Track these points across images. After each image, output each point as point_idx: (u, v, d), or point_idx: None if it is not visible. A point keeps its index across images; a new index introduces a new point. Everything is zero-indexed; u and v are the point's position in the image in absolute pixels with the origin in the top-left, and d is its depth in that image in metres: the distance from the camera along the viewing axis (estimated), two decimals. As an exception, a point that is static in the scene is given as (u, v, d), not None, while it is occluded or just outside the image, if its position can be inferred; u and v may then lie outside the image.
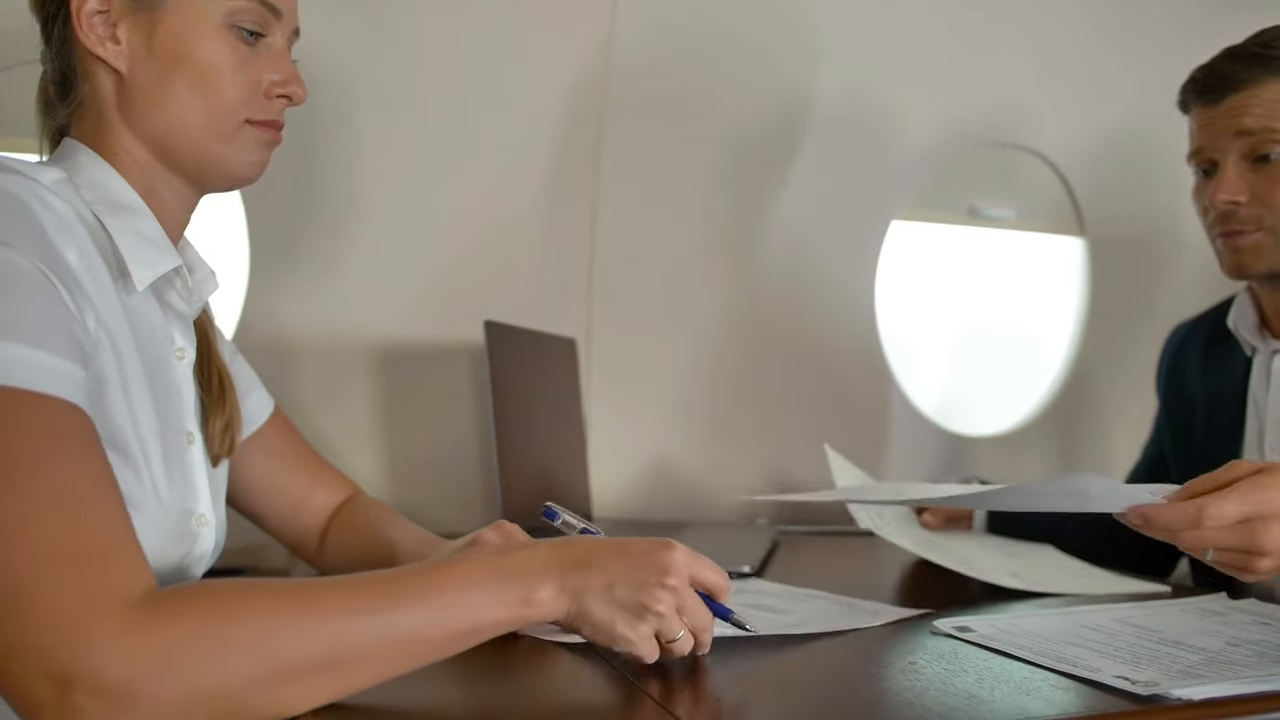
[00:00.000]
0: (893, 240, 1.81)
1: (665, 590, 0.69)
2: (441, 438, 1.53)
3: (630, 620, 0.69)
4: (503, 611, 0.66)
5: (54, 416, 0.63)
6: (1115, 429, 1.97)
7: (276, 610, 0.60)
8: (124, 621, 0.57)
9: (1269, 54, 1.12)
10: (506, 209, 1.57)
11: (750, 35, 1.64)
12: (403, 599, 0.63)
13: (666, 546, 0.71)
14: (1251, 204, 1.14)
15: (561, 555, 0.69)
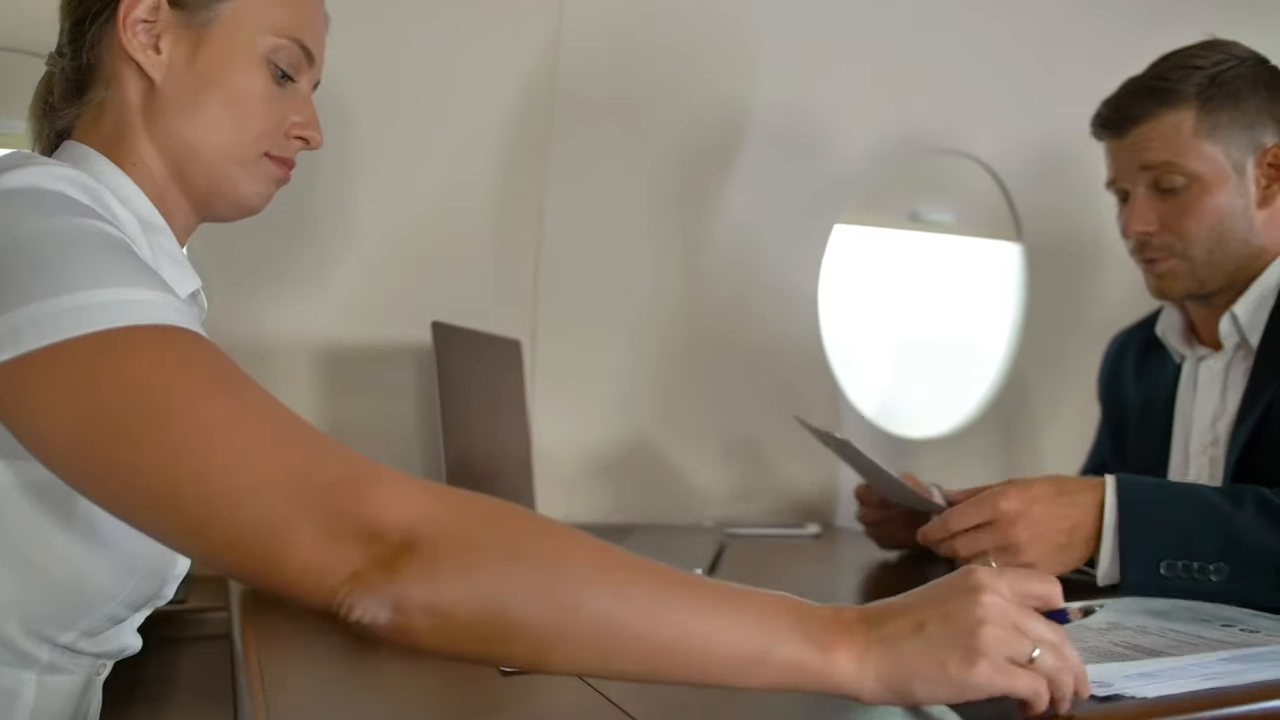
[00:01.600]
0: (837, 244, 1.82)
1: (982, 608, 0.58)
2: (384, 440, 1.51)
3: (963, 657, 0.57)
4: (798, 652, 0.57)
5: (214, 348, 0.62)
6: (1049, 432, 2.01)
7: (573, 542, 0.58)
8: (428, 487, 0.58)
9: (1163, 86, 1.17)
10: (452, 211, 1.55)
11: (695, 42, 1.64)
12: (698, 593, 0.58)
13: (967, 571, 0.62)
14: (1162, 232, 1.19)
15: (868, 611, 0.60)
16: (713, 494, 1.75)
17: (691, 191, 1.69)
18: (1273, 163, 1.17)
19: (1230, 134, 1.16)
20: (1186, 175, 1.16)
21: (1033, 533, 0.95)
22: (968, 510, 0.99)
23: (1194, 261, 1.18)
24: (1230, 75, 1.16)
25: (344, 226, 1.47)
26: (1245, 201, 1.17)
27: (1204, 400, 1.23)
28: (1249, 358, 1.18)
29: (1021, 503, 0.96)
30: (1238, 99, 1.16)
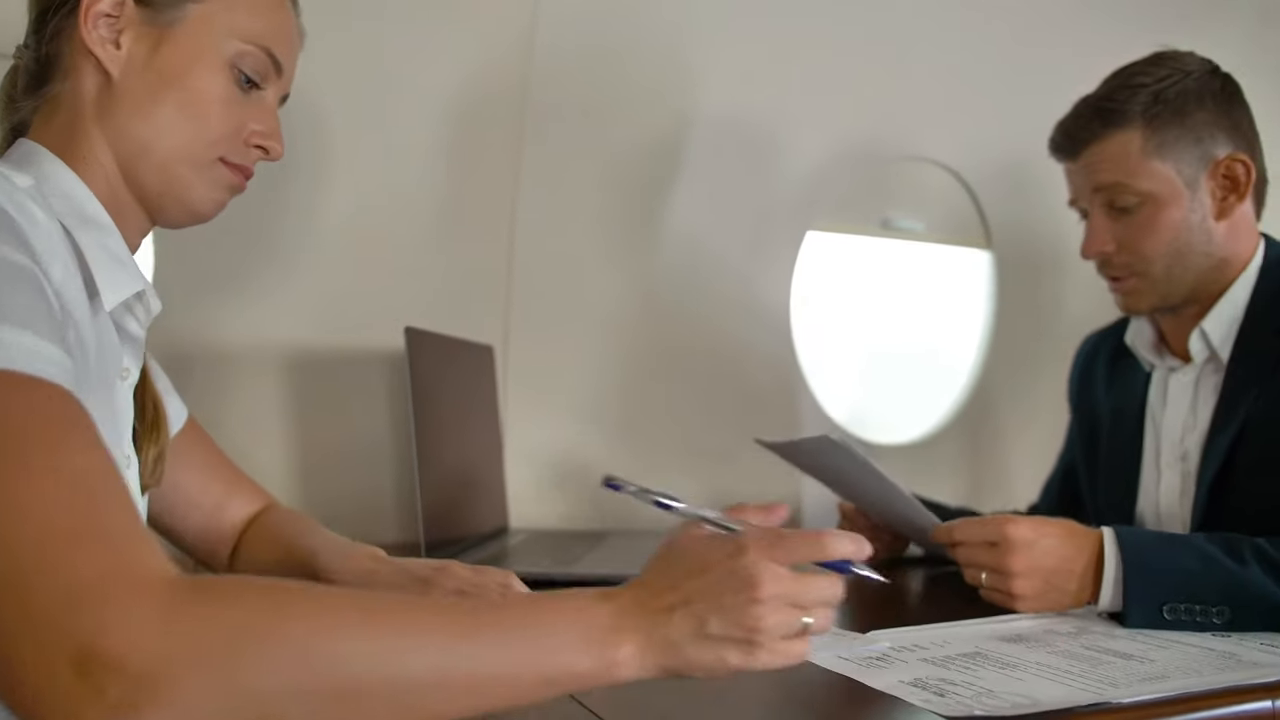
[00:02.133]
0: (808, 251, 1.83)
1: (761, 604, 0.61)
2: (355, 446, 1.49)
3: (741, 650, 0.61)
4: (585, 665, 0.58)
5: (60, 403, 0.57)
6: (1017, 438, 2.02)
7: (337, 613, 0.53)
8: (159, 599, 0.49)
9: (1109, 106, 1.17)
10: (423, 215, 1.54)
11: (667, 48, 1.64)
12: (481, 629, 0.56)
13: (739, 551, 0.62)
14: (1121, 252, 1.20)
15: (643, 602, 0.61)
16: (684, 501, 1.74)
17: (663, 198, 1.69)
18: (1226, 174, 1.17)
19: (1179, 150, 1.15)
20: (1138, 194, 1.16)
21: (1030, 565, 0.96)
22: (976, 526, 1.01)
23: (1154, 278, 1.18)
24: (1175, 91, 1.15)
25: (314, 230, 1.45)
26: (1202, 215, 1.17)
27: (1174, 412, 1.23)
28: (1219, 371, 1.18)
29: (1030, 534, 0.96)
30: (1184, 114, 1.15)
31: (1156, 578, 0.93)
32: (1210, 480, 1.13)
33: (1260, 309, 1.16)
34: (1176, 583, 0.92)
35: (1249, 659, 0.80)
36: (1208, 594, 0.92)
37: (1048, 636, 0.89)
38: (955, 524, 1.04)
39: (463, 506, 1.36)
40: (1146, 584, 0.93)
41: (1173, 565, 0.93)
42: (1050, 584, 0.96)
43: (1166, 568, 0.93)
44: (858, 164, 1.83)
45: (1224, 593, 0.92)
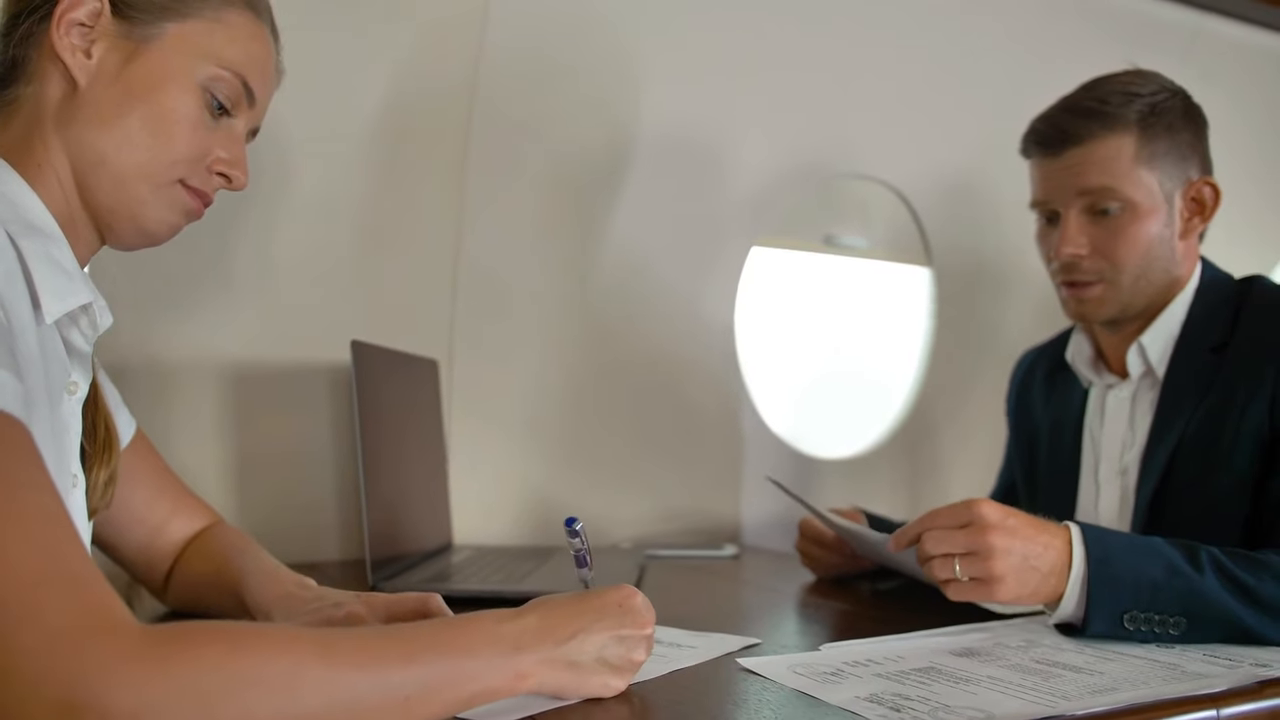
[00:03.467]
0: (753, 266, 1.84)
1: (647, 639, 0.75)
2: (297, 461, 1.47)
3: (622, 674, 0.73)
4: (497, 681, 0.66)
5: (13, 434, 0.57)
6: (954, 453, 2.05)
7: (299, 654, 0.56)
8: (135, 648, 0.51)
9: (1104, 109, 1.17)
10: (367, 228, 1.52)
11: (615, 61, 1.64)
12: (415, 657, 0.62)
13: (631, 594, 0.75)
14: (1093, 256, 1.19)
15: (551, 625, 0.70)
16: (629, 516, 1.74)
17: (609, 213, 1.69)
18: (1195, 197, 1.20)
19: (1165, 164, 1.17)
20: (1123, 201, 1.16)
21: (1007, 543, 0.91)
22: (946, 510, 0.96)
23: (1121, 287, 1.19)
24: (1167, 106, 1.17)
25: (256, 243, 1.43)
26: (1171, 232, 1.19)
27: (1112, 429, 1.25)
28: (1155, 388, 1.21)
29: (1000, 513, 0.92)
30: (1173, 130, 1.17)
31: (1121, 585, 0.91)
32: (1149, 495, 1.16)
33: (1195, 327, 1.19)
34: (1140, 592, 0.91)
35: (1193, 670, 0.82)
36: (1168, 604, 0.91)
37: (998, 650, 0.90)
38: (926, 514, 0.97)
39: (408, 523, 1.34)
40: (1111, 591, 0.91)
41: (1138, 573, 0.91)
42: (1026, 564, 0.91)
43: (1132, 576, 0.91)
44: (802, 181, 1.85)
45: (1183, 603, 0.91)
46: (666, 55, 1.67)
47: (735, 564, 1.55)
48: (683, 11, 1.66)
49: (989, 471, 1.59)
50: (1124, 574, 0.91)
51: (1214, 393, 1.13)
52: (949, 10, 1.86)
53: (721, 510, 1.82)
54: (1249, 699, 0.76)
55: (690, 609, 1.13)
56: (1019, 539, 0.92)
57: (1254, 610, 0.91)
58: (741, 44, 1.73)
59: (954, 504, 0.95)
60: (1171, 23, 2.01)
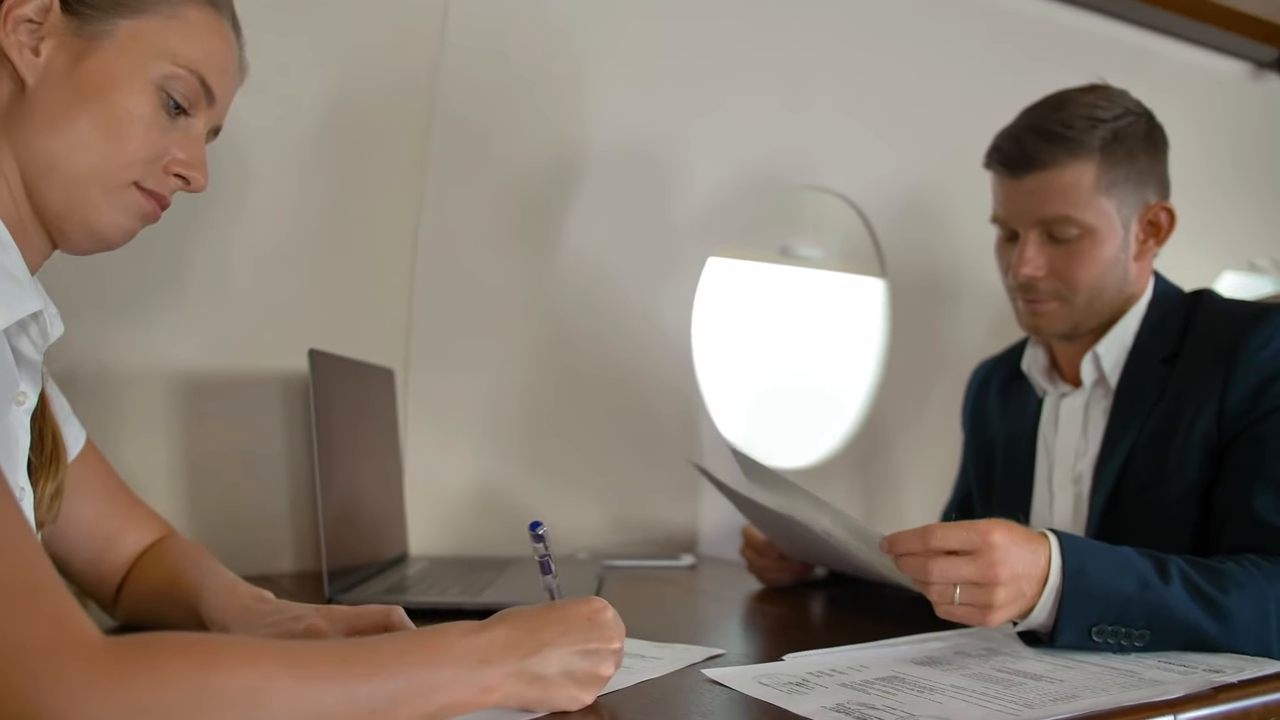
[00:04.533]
0: (708, 277, 1.84)
1: (614, 653, 0.73)
2: (249, 473, 1.44)
3: (589, 688, 0.72)
4: (464, 695, 0.65)
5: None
6: (907, 462, 2.07)
7: (266, 666, 0.55)
8: (97, 662, 0.50)
9: (1068, 134, 1.17)
10: (322, 235, 1.50)
11: (573, 71, 1.64)
12: (381, 669, 0.61)
13: (602, 608, 0.74)
14: (1050, 277, 1.21)
15: (517, 639, 0.69)
16: (586, 526, 1.73)
17: (567, 223, 1.69)
18: (1152, 220, 1.22)
19: (1124, 191, 1.19)
20: (1081, 227, 1.18)
21: (1011, 571, 0.89)
22: (952, 530, 0.90)
23: (1075, 306, 1.21)
24: (1129, 132, 1.18)
25: (210, 249, 1.40)
26: (1126, 255, 1.21)
27: (1066, 436, 1.28)
28: (1108, 396, 1.23)
29: (1008, 538, 0.90)
30: (1133, 157, 1.18)
31: (1093, 599, 0.91)
32: (1102, 502, 1.18)
33: (1147, 338, 1.22)
34: (1110, 605, 0.91)
35: (1149, 677, 0.83)
36: (1136, 618, 0.91)
37: (959, 659, 0.90)
38: (928, 530, 0.91)
39: (364, 534, 1.32)
40: (1084, 604, 0.91)
41: (1109, 587, 0.91)
42: (1020, 590, 0.90)
43: (1104, 589, 0.91)
44: (759, 193, 1.86)
45: (1149, 617, 0.91)
46: (625, 65, 1.68)
47: (692, 574, 1.55)
48: (642, 22, 1.67)
49: (944, 482, 1.61)
50: (1096, 587, 0.91)
51: (1165, 402, 1.16)
52: (904, 26, 1.88)
53: (678, 520, 1.82)
54: (1205, 704, 0.77)
55: (650, 620, 1.12)
56: (1019, 566, 0.90)
57: (1217, 622, 0.92)
58: (701, 56, 1.73)
59: (966, 527, 0.91)
60: (1118, 41, 2.06)
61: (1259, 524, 1.04)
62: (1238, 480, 1.08)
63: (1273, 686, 0.82)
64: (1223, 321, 1.17)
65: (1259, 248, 2.63)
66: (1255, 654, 0.92)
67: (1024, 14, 1.95)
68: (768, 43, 1.78)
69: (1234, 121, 2.33)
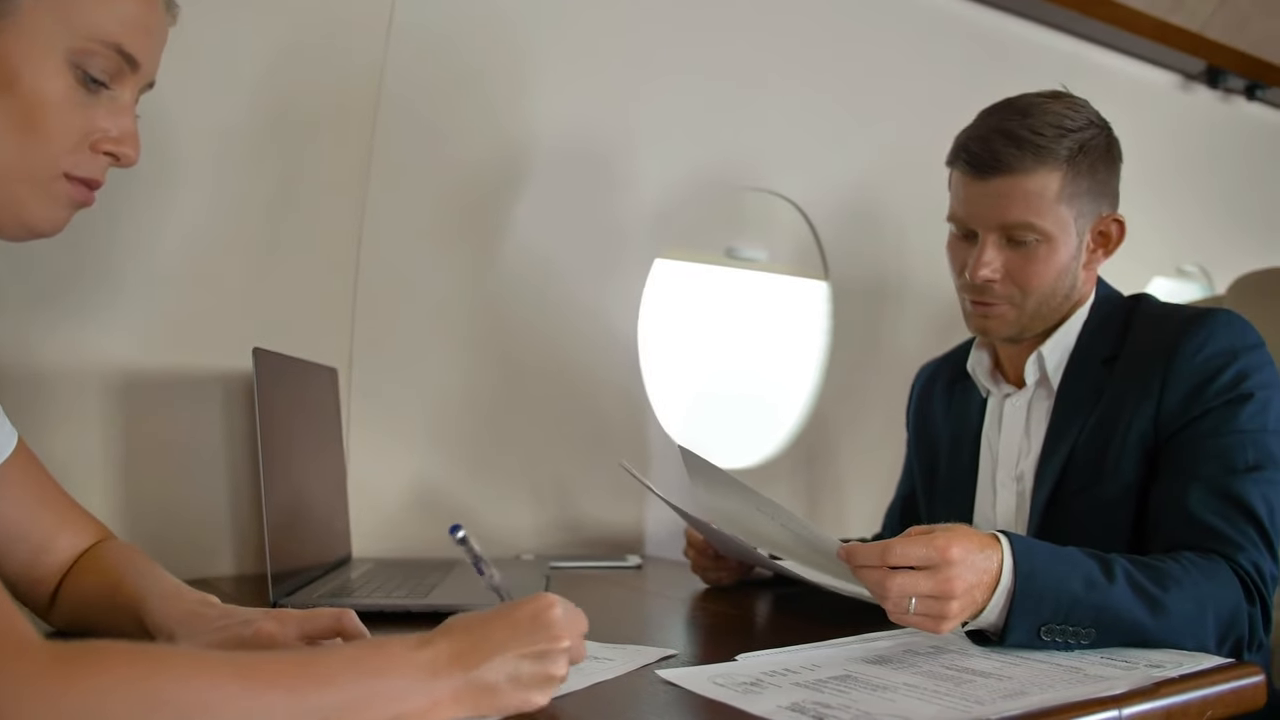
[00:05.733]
0: (654, 278, 1.85)
1: (563, 652, 0.71)
2: (187, 474, 1.41)
3: (540, 690, 0.70)
4: (414, 705, 0.64)
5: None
6: (850, 461, 2.10)
7: (215, 675, 0.54)
8: (41, 668, 0.48)
9: (1038, 141, 1.17)
10: (264, 230, 1.47)
11: (521, 68, 1.63)
12: (332, 680, 0.60)
13: (548, 606, 0.72)
14: (1005, 281, 1.21)
15: (463, 650, 0.67)
16: (533, 526, 1.73)
17: (514, 218, 1.67)
18: (1102, 230, 1.25)
19: (1083, 202, 1.20)
20: (1041, 234, 1.19)
21: (966, 584, 0.89)
22: (911, 545, 0.90)
23: (1025, 311, 1.23)
24: (1093, 145, 1.20)
25: (148, 245, 1.37)
26: (1077, 263, 1.23)
27: (1009, 436, 1.30)
28: (1050, 397, 1.26)
29: (964, 550, 0.90)
30: (1095, 170, 1.20)
31: (1043, 599, 0.92)
32: (1044, 500, 1.20)
33: (1089, 340, 1.25)
34: (1059, 605, 0.93)
35: (1094, 673, 0.85)
36: (1082, 617, 0.93)
37: (908, 657, 0.91)
38: (887, 545, 0.91)
39: (308, 536, 1.30)
40: (1034, 604, 0.92)
41: (1058, 587, 0.93)
42: (973, 599, 0.91)
43: (1053, 589, 0.92)
44: (705, 193, 1.87)
45: (1095, 616, 0.93)
46: (573, 63, 1.67)
47: (639, 574, 1.55)
48: (590, 20, 1.66)
49: (888, 481, 1.63)
50: (1046, 588, 0.92)
51: (1104, 402, 1.19)
52: (849, 32, 1.90)
53: (625, 521, 1.82)
54: (1147, 698, 0.79)
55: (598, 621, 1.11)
56: (973, 576, 0.90)
57: (1157, 619, 0.95)
58: (649, 56, 1.73)
59: (920, 538, 0.91)
60: (1056, 50, 2.11)
61: (1194, 522, 1.07)
62: (1173, 479, 1.12)
63: (1209, 680, 0.85)
64: (1161, 325, 1.20)
65: (1186, 254, 2.72)
66: (1193, 649, 0.95)
67: (966, 22, 1.98)
68: (716, 44, 1.78)
69: (1164, 131, 2.40)
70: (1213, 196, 2.64)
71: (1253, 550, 1.05)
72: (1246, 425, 1.11)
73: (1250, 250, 2.57)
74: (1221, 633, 1.00)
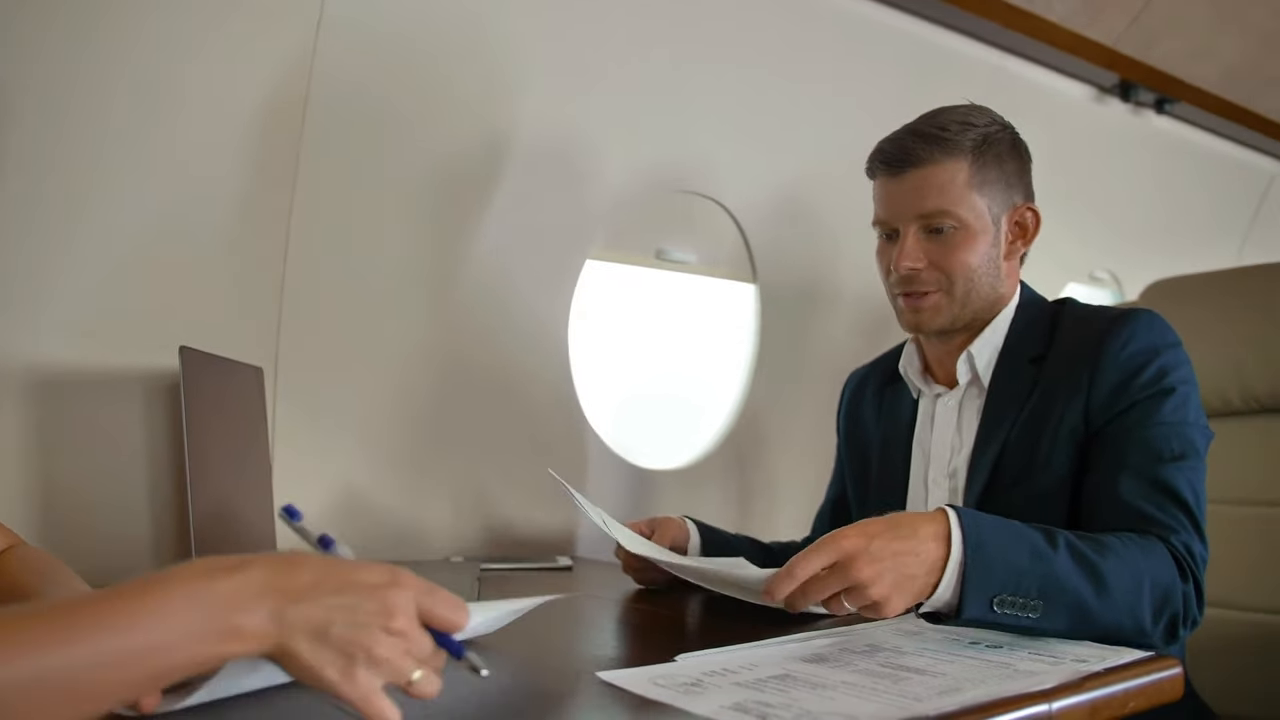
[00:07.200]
0: (586, 279, 1.85)
1: (389, 635, 0.60)
2: (104, 478, 1.36)
3: (344, 666, 0.59)
4: (199, 649, 0.56)
5: None
6: (780, 461, 2.12)
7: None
8: None
9: (944, 135, 1.26)
10: (187, 224, 1.43)
11: (456, 67, 1.62)
12: (76, 633, 0.52)
13: (395, 582, 0.62)
14: (929, 269, 1.28)
15: (281, 582, 0.59)
16: (461, 529, 1.71)
17: (447, 218, 1.66)
18: (1018, 221, 1.32)
19: (994, 190, 1.28)
20: (956, 221, 1.26)
21: (876, 569, 0.93)
22: (810, 556, 0.95)
23: (954, 297, 1.28)
24: (998, 138, 1.29)
25: (64, 241, 1.32)
26: (997, 252, 1.30)
27: (940, 435, 1.34)
28: (981, 395, 1.30)
29: (860, 539, 0.94)
30: (1001, 160, 1.29)
31: (993, 570, 0.96)
32: (977, 495, 1.24)
33: (1016, 340, 1.30)
34: (1008, 575, 0.96)
35: (1024, 668, 0.87)
36: (1030, 587, 0.97)
37: (845, 655, 0.92)
38: (791, 564, 0.95)
39: (233, 539, 1.27)
40: (985, 576, 0.96)
41: (1007, 557, 0.97)
42: (903, 576, 0.95)
43: (1002, 559, 0.96)
44: (637, 196, 1.87)
45: (1041, 586, 0.98)
46: (505, 69, 1.66)
47: (570, 576, 1.55)
48: (524, 26, 1.65)
49: (818, 485, 1.65)
50: (995, 558, 0.97)
51: (1035, 398, 1.24)
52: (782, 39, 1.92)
53: (555, 522, 1.81)
54: (1075, 692, 0.82)
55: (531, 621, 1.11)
56: (887, 558, 0.94)
57: (1097, 591, 1.00)
58: (582, 61, 1.73)
59: (815, 546, 0.95)
60: (981, 61, 2.16)
61: (1127, 508, 1.13)
62: (1105, 469, 1.17)
63: (1131, 674, 0.88)
64: (1087, 324, 1.26)
65: (1099, 261, 2.81)
66: (1129, 622, 1.02)
67: (897, 32, 2.01)
68: (651, 49, 1.79)
69: (1079, 141, 2.47)
70: (1123, 206, 2.73)
71: (1184, 532, 1.11)
72: (1170, 418, 1.17)
73: (1157, 258, 2.67)
74: (1157, 605, 1.05)
